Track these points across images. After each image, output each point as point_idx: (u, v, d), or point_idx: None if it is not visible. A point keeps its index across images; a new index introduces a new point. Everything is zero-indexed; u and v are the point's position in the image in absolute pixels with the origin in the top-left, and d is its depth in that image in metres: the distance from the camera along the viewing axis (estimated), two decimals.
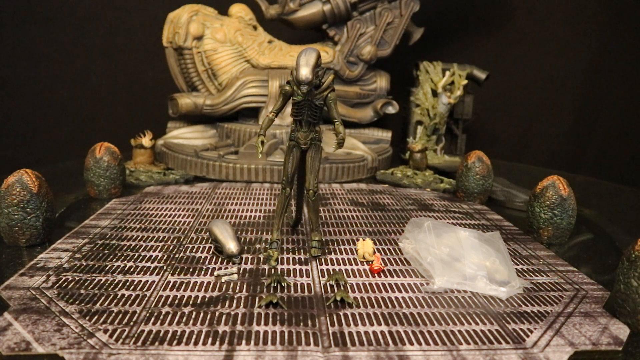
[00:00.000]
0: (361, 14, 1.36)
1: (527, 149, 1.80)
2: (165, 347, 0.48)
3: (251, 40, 1.32)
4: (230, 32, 1.29)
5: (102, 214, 0.87)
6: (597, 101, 1.73)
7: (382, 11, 1.36)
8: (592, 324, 0.56)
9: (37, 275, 0.62)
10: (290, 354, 0.48)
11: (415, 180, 1.20)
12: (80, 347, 0.47)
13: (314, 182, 0.71)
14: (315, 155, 0.71)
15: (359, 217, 0.92)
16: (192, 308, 0.56)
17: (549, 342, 0.52)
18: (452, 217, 0.94)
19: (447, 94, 1.40)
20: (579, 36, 1.68)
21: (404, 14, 1.38)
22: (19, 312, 0.53)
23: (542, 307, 0.59)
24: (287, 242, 0.77)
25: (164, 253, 0.71)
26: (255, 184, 1.13)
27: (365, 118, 1.40)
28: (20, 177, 0.72)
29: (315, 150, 0.71)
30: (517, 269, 0.70)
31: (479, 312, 0.58)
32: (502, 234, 0.85)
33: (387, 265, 0.70)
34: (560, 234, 0.83)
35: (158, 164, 1.23)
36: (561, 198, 0.81)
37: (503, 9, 1.71)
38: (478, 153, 1.04)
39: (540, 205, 0.82)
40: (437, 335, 0.52)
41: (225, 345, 0.49)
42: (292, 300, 0.59)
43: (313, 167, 0.71)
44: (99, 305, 0.55)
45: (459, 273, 0.64)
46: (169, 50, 1.29)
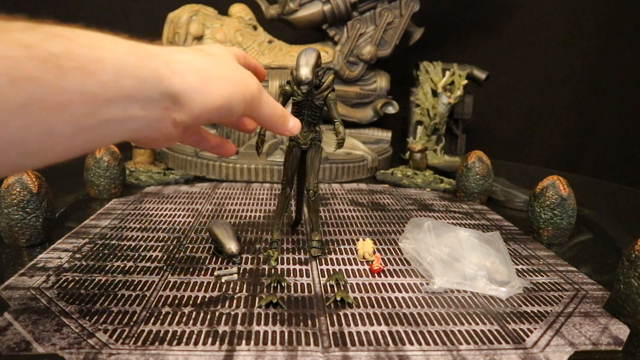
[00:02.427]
0: (361, 14, 1.36)
1: (527, 149, 1.81)
2: (165, 347, 0.48)
3: (251, 40, 1.32)
4: (230, 32, 1.29)
5: (102, 214, 0.87)
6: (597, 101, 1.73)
7: (382, 11, 1.36)
8: (592, 324, 0.56)
9: (37, 275, 0.62)
10: (290, 354, 0.48)
11: (415, 180, 1.20)
12: (80, 347, 0.47)
13: (314, 182, 0.71)
14: (315, 156, 0.71)
15: (359, 217, 0.92)
16: (192, 308, 0.56)
17: (549, 342, 0.52)
18: (452, 217, 0.94)
19: (447, 94, 1.40)
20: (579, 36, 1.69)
21: (404, 14, 1.38)
22: (19, 312, 0.53)
23: (542, 307, 0.59)
24: (287, 242, 0.77)
25: (164, 253, 0.71)
26: (255, 184, 1.13)
27: (365, 118, 1.40)
28: (20, 177, 0.72)
29: (315, 151, 0.71)
30: (517, 269, 0.70)
31: (479, 312, 0.58)
32: (502, 234, 0.85)
33: (387, 265, 0.70)
34: (560, 234, 0.83)
35: (158, 164, 1.23)
36: (561, 198, 0.81)
37: (503, 9, 1.71)
38: (478, 153, 1.04)
39: (540, 205, 0.82)
40: (437, 335, 0.52)
41: (225, 345, 0.49)
42: (292, 300, 0.59)
43: (313, 167, 0.71)
44: (99, 305, 0.55)
45: (459, 273, 0.64)
46: None
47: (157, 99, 0.41)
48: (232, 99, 0.46)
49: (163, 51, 0.43)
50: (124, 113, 0.39)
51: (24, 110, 0.33)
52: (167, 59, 0.43)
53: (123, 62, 0.38)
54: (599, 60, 1.69)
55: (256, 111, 0.51)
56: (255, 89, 0.49)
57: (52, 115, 0.34)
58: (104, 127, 0.38)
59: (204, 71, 0.45)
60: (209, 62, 0.46)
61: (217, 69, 0.46)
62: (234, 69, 0.49)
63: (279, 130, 0.57)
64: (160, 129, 0.44)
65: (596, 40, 1.68)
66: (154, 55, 0.42)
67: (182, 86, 0.42)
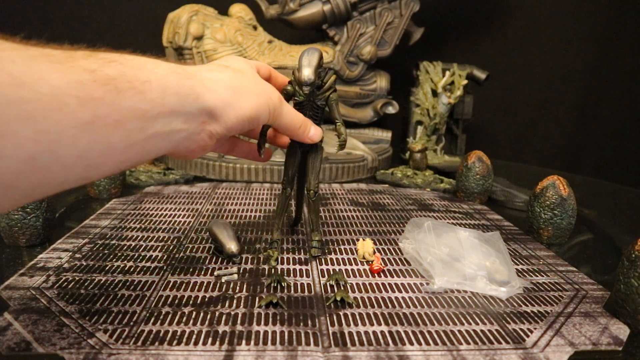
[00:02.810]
0: (361, 14, 1.36)
1: (527, 148, 1.81)
2: (165, 347, 0.48)
3: (251, 40, 1.32)
4: (230, 32, 1.29)
5: (102, 214, 0.87)
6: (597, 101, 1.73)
7: (382, 11, 1.36)
8: (592, 324, 0.56)
9: (37, 275, 0.62)
10: (290, 354, 0.48)
11: (415, 180, 1.20)
12: (80, 347, 0.47)
13: (314, 182, 0.71)
14: (316, 156, 0.71)
15: (359, 217, 0.92)
16: (192, 308, 0.56)
17: (549, 342, 0.52)
18: (452, 217, 0.94)
19: (447, 94, 1.40)
20: (579, 36, 1.69)
21: (404, 14, 1.38)
22: (19, 312, 0.53)
23: (542, 307, 0.59)
24: (287, 242, 0.77)
25: (164, 253, 0.71)
26: (255, 184, 1.13)
27: (365, 118, 1.40)
28: None
29: (316, 151, 0.71)
30: (517, 269, 0.70)
31: (479, 312, 0.58)
32: (502, 234, 0.85)
33: (387, 265, 0.70)
34: (560, 234, 0.83)
35: (158, 164, 1.23)
36: (561, 198, 0.81)
37: (503, 9, 1.71)
38: (478, 153, 1.04)
39: (541, 206, 0.82)
40: (437, 335, 0.52)
41: (225, 345, 0.49)
42: (292, 300, 0.59)
43: (314, 167, 0.71)
44: (99, 305, 0.55)
45: (459, 273, 0.64)
46: (169, 50, 1.29)
47: (195, 114, 0.46)
48: (259, 110, 0.52)
49: (197, 70, 0.49)
50: (168, 127, 0.44)
51: (90, 128, 0.36)
52: (201, 77, 0.48)
53: (166, 82, 0.43)
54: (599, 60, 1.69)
55: (278, 120, 0.57)
56: (277, 99, 0.55)
57: (110, 131, 0.38)
58: (152, 141, 0.43)
59: (234, 87, 0.50)
60: (237, 77, 0.52)
61: (244, 84, 0.52)
62: (257, 82, 0.54)
63: (300, 138, 0.62)
64: (198, 140, 0.49)
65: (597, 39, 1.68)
66: (191, 75, 0.47)
67: (216, 101, 0.48)
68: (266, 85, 0.55)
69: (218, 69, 0.52)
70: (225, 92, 0.49)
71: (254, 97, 0.52)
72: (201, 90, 0.46)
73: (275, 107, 0.54)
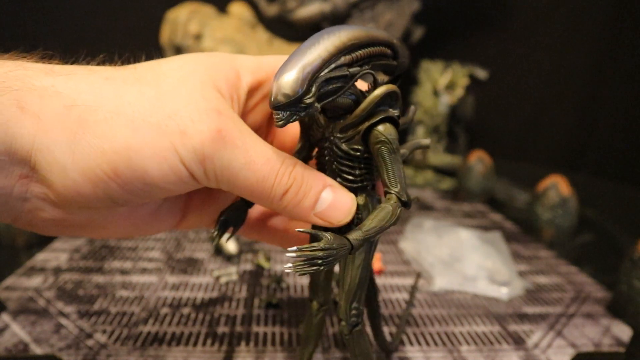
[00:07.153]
0: (361, 13, 1.35)
1: (528, 148, 1.80)
2: (165, 348, 0.48)
3: (250, 39, 1.31)
4: (230, 30, 1.29)
5: None
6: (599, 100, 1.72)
7: (382, 11, 1.36)
8: (594, 325, 0.55)
9: (35, 275, 0.62)
10: (290, 354, 0.47)
11: (416, 180, 1.19)
12: (79, 349, 0.47)
13: (346, 305, 0.38)
14: (349, 257, 0.39)
15: None
16: (191, 309, 0.55)
17: (550, 343, 0.51)
18: (452, 217, 0.93)
19: (448, 93, 1.40)
20: (581, 35, 1.68)
21: (404, 13, 1.37)
22: (17, 313, 0.52)
23: (543, 308, 0.59)
24: None
25: (163, 253, 0.71)
26: None
27: None
28: None
29: None
30: (518, 269, 0.70)
31: (480, 313, 0.57)
32: (503, 234, 0.84)
33: (387, 265, 0.70)
34: (561, 234, 0.82)
35: None
36: (563, 198, 0.81)
37: (504, 9, 1.70)
38: (479, 153, 1.04)
39: (542, 206, 0.82)
40: (438, 336, 0.52)
41: (224, 346, 0.48)
42: (292, 301, 0.58)
43: (345, 278, 0.38)
44: (98, 306, 0.55)
45: (460, 274, 0.64)
46: (168, 49, 1.29)
47: (3, 160, 0.26)
48: (145, 159, 0.27)
49: (34, 75, 0.28)
50: None
51: None
52: (31, 86, 0.27)
53: None
54: (601, 58, 1.69)
55: (225, 177, 0.30)
56: (206, 138, 0.28)
57: None
58: None
59: (91, 108, 0.27)
60: (113, 89, 0.28)
61: (120, 104, 0.27)
62: (167, 101, 0.29)
63: (294, 214, 0.33)
64: (29, 211, 0.29)
65: (599, 38, 1.67)
66: (12, 83, 0.26)
67: (39, 137, 0.26)
68: (193, 109, 0.29)
69: (101, 72, 0.30)
70: (60, 118, 0.26)
71: (139, 132, 0.27)
72: (14, 114, 0.26)
73: (196, 151, 0.28)
